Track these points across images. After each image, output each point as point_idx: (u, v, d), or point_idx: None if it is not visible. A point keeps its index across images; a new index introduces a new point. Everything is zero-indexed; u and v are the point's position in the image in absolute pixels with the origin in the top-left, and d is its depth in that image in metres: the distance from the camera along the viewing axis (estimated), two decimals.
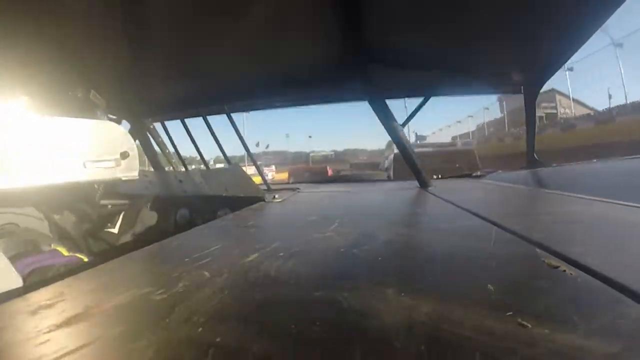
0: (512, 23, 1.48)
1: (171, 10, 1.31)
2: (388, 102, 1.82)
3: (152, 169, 2.55)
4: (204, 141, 2.44)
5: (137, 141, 2.32)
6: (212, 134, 2.33)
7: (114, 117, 2.16)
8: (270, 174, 14.64)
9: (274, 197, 1.40)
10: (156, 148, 2.48)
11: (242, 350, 0.29)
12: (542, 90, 2.10)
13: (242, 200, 1.35)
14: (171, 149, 2.51)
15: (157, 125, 2.45)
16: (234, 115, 2.22)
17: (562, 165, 2.27)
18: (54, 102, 0.91)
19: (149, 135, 2.39)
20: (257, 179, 2.12)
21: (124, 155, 0.87)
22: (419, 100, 2.13)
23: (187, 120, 2.38)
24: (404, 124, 1.81)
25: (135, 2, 1.24)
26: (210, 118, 2.31)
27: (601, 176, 1.77)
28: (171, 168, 2.56)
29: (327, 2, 1.32)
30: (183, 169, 2.45)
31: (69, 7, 1.11)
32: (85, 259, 0.77)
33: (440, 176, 2.74)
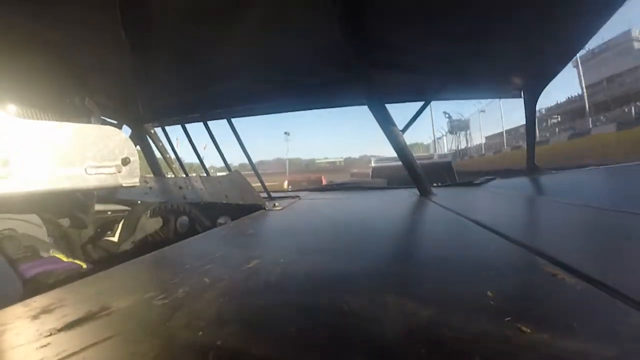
0: (512, 28, 1.49)
1: (171, 14, 1.32)
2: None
3: (151, 174, 2.55)
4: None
5: (137, 146, 2.33)
6: (213, 139, 2.34)
7: (115, 121, 2.17)
8: None
9: (275, 205, 1.40)
10: (157, 153, 2.49)
11: (242, 355, 0.30)
12: None
13: (243, 208, 1.35)
14: (172, 155, 2.51)
15: (158, 131, 2.46)
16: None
17: (561, 172, 2.27)
18: (54, 107, 0.91)
19: (149, 140, 2.40)
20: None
21: (125, 161, 0.87)
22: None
23: (189, 130, 2.40)
24: (404, 130, 1.82)
25: (135, 6, 1.25)
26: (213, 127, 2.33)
27: (601, 183, 1.77)
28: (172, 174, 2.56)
29: (327, 6, 1.33)
30: (183, 175, 2.45)
31: (68, 11, 1.12)
32: (84, 266, 0.77)
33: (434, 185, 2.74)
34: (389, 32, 1.53)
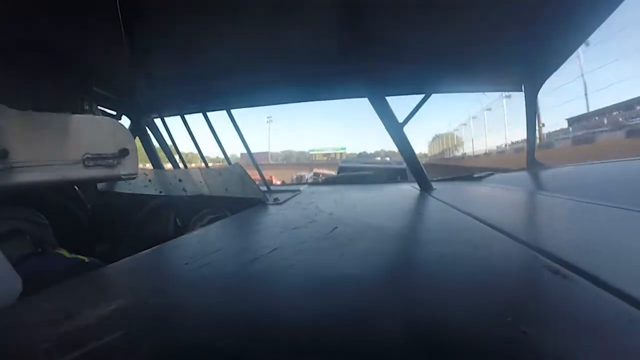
0: (512, 20, 1.48)
1: (171, 4, 1.29)
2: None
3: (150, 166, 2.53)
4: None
5: (136, 138, 2.31)
6: (212, 131, 2.32)
7: (114, 112, 2.15)
8: None
9: (275, 198, 1.40)
10: (156, 145, 2.47)
11: (243, 346, 0.30)
12: None
13: (243, 202, 1.35)
14: (171, 146, 2.50)
15: (158, 123, 2.44)
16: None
17: (561, 167, 2.26)
18: (53, 99, 0.90)
19: (148, 131, 2.38)
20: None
21: (124, 152, 0.86)
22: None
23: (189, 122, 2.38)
24: (404, 122, 1.81)
25: None
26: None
27: (602, 178, 1.76)
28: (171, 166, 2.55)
29: None
30: (182, 167, 2.45)
31: (69, 3, 1.10)
32: (86, 260, 0.77)
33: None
34: (390, 25, 1.51)
